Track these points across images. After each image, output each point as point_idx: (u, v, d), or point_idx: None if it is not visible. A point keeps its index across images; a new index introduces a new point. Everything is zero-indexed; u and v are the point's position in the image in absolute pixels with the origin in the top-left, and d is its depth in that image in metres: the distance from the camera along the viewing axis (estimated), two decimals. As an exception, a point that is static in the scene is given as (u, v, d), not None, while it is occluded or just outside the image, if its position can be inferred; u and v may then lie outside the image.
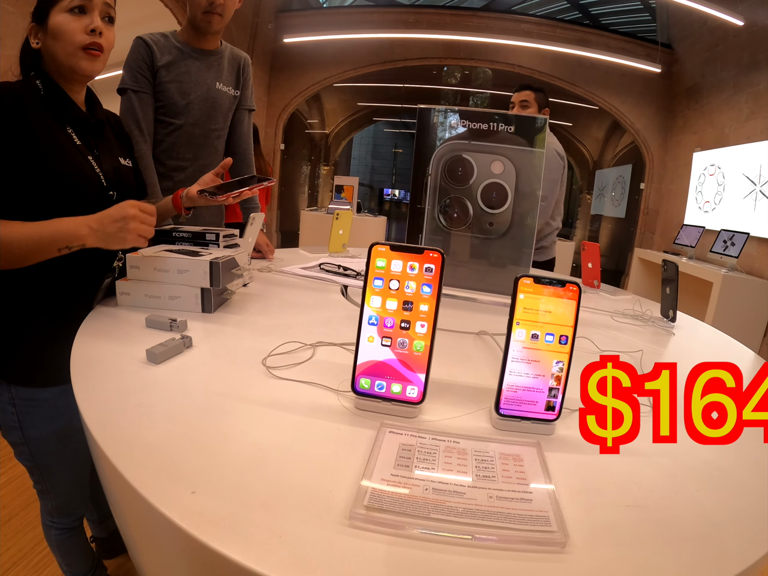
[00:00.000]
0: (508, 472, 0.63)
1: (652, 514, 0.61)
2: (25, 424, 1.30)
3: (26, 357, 1.25)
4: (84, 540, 1.62)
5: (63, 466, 1.40)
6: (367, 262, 0.76)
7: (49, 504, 1.45)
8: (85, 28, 1.20)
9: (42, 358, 1.26)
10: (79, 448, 1.38)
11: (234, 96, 2.10)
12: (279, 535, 0.51)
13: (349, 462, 0.65)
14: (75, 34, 1.20)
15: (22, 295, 1.22)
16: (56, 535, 1.51)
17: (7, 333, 1.24)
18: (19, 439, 1.32)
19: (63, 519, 1.49)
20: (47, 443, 1.34)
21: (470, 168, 1.58)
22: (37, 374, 1.27)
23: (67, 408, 1.29)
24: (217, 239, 1.42)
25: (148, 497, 0.55)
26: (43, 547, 1.96)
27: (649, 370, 1.10)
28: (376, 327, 0.76)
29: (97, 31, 1.21)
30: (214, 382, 0.86)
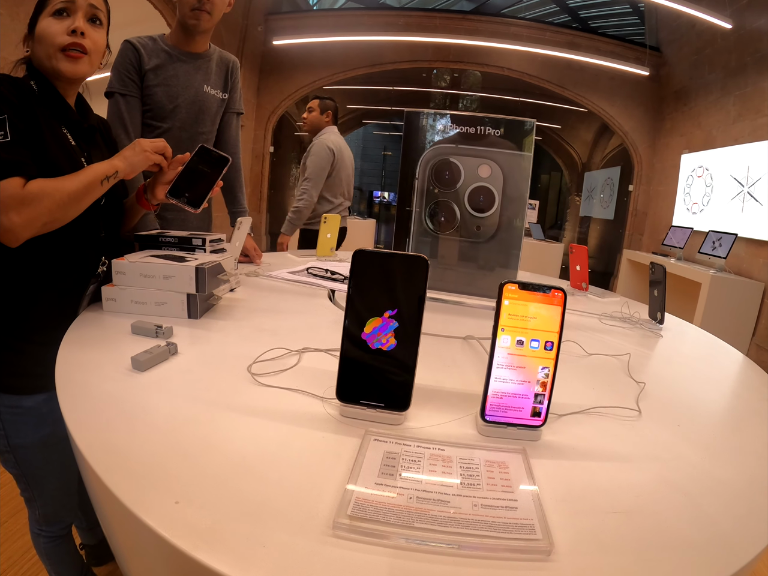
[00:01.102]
0: (494, 480, 0.62)
1: (638, 520, 0.60)
2: (10, 432, 1.29)
3: (11, 364, 1.25)
4: (73, 548, 1.61)
5: (49, 473, 1.39)
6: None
7: (37, 512, 1.45)
8: (66, 29, 1.20)
9: (27, 365, 1.25)
10: (65, 456, 1.37)
11: (222, 99, 2.09)
12: (262, 545, 0.51)
13: (334, 470, 0.64)
14: (55, 36, 1.20)
15: (7, 302, 1.21)
16: (45, 543, 1.50)
17: None
18: (4, 447, 1.31)
19: (51, 527, 1.49)
20: (33, 451, 1.33)
21: (457, 171, 1.57)
22: (22, 381, 1.26)
23: (53, 415, 1.29)
24: (203, 244, 1.41)
25: (132, 507, 0.55)
26: (32, 555, 1.94)
27: (636, 373, 1.11)
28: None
29: (78, 32, 1.21)
30: (199, 390, 0.85)
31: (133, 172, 1.26)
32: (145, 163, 1.29)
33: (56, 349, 0.99)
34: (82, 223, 1.22)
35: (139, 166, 1.28)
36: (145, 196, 1.39)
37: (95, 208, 1.25)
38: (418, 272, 0.76)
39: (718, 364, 1.39)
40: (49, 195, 1.09)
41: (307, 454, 0.68)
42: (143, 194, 1.40)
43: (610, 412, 0.91)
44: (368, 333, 0.76)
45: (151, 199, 1.38)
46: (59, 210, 1.12)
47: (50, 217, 1.10)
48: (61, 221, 1.14)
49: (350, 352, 0.77)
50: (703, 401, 1.08)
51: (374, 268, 0.77)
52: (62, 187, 1.11)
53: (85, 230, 1.27)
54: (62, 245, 1.23)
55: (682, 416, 0.94)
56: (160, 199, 1.37)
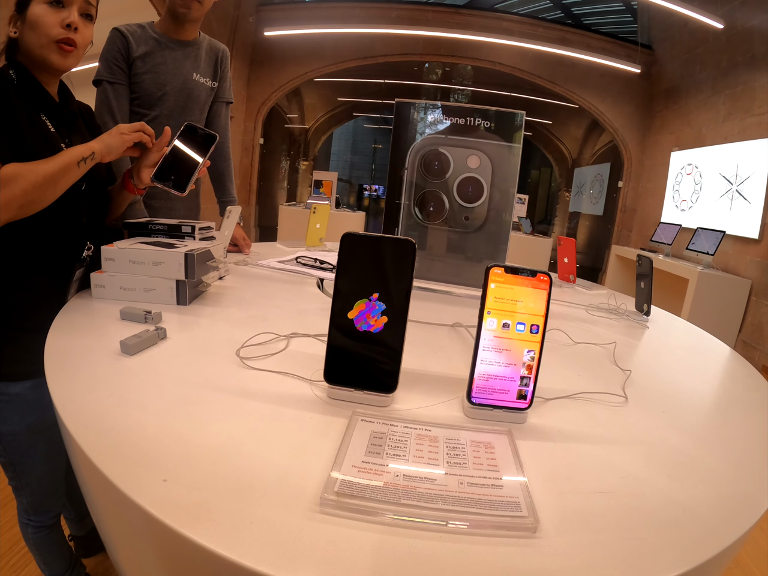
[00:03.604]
0: (480, 459, 0.63)
1: (622, 500, 0.61)
2: None
3: None
4: (62, 538, 1.61)
5: (37, 461, 1.39)
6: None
7: (25, 501, 1.45)
8: (62, 22, 1.20)
9: (13, 351, 1.25)
10: (52, 444, 1.38)
11: (211, 87, 2.08)
12: (250, 521, 0.51)
13: (321, 450, 0.65)
14: (50, 27, 1.19)
15: None
16: (33, 533, 1.50)
17: None
18: None
19: (39, 517, 1.49)
20: (20, 438, 1.33)
21: (446, 162, 1.58)
22: (8, 368, 1.26)
23: (39, 402, 1.29)
24: (193, 232, 1.41)
25: (120, 485, 0.55)
26: (21, 546, 1.94)
27: (622, 361, 1.12)
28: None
29: (73, 27, 1.21)
30: (187, 373, 0.86)
31: (109, 154, 1.26)
32: (122, 145, 1.28)
33: (43, 336, 0.98)
34: (62, 208, 1.22)
35: (116, 147, 1.27)
36: (131, 181, 1.38)
37: (76, 192, 1.25)
38: (405, 255, 0.76)
39: (704, 355, 1.40)
40: (23, 177, 1.08)
41: (295, 435, 0.69)
42: (129, 179, 1.38)
43: (596, 398, 0.92)
44: (355, 315, 0.76)
45: (137, 183, 1.36)
46: (35, 191, 1.11)
47: (25, 199, 1.09)
48: (37, 204, 1.14)
49: (337, 334, 0.78)
50: (689, 389, 1.09)
51: (362, 251, 0.77)
52: (37, 170, 1.11)
53: (65, 215, 1.26)
54: (43, 231, 1.23)
55: (668, 403, 0.95)
56: (146, 183, 1.35)
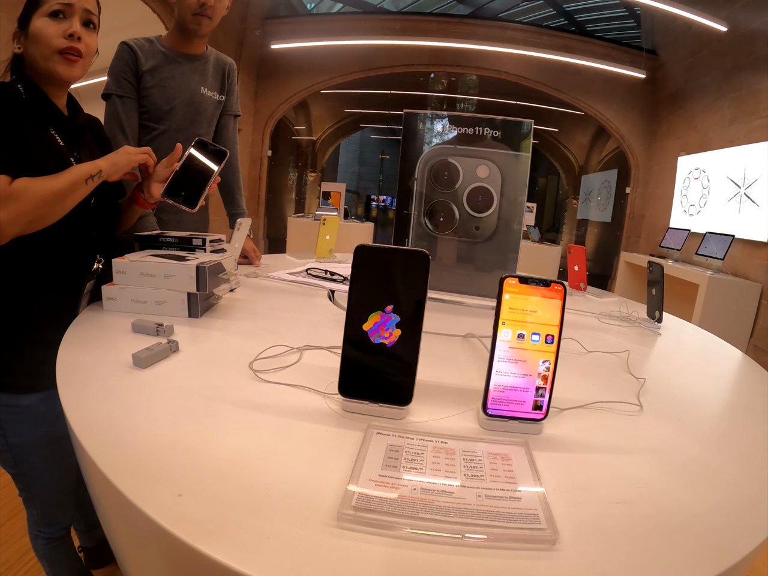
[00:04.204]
0: (497, 472, 0.63)
1: (640, 510, 0.61)
2: (8, 431, 1.30)
3: (8, 363, 1.26)
4: (72, 550, 1.61)
5: (47, 473, 1.40)
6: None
7: (35, 513, 1.45)
8: (64, 33, 1.22)
9: (25, 364, 1.26)
10: (63, 455, 1.38)
11: (218, 101, 2.09)
12: (267, 536, 0.51)
13: (337, 463, 0.64)
14: (53, 39, 1.21)
15: (3, 300, 1.23)
16: (43, 545, 1.50)
17: None
18: (2, 446, 1.32)
19: (49, 528, 1.49)
20: (30, 450, 1.34)
21: (456, 172, 1.58)
22: (19, 380, 1.27)
23: (50, 414, 1.30)
24: (203, 244, 1.41)
25: (135, 500, 0.55)
26: (30, 557, 1.94)
27: (636, 369, 1.12)
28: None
29: (75, 36, 1.23)
30: (200, 386, 0.86)
31: (116, 173, 1.28)
32: (128, 164, 1.30)
33: (55, 348, 0.99)
34: (71, 222, 1.23)
35: (122, 166, 1.29)
36: (142, 195, 1.39)
37: (85, 206, 1.26)
38: (419, 267, 0.76)
39: (717, 361, 1.40)
40: (33, 192, 1.10)
41: (310, 448, 0.69)
42: (139, 193, 1.40)
43: (611, 407, 0.91)
44: (369, 328, 0.76)
45: (148, 197, 1.38)
46: (44, 207, 1.13)
47: (35, 214, 1.12)
48: (47, 219, 1.16)
49: (352, 346, 0.78)
50: (703, 396, 1.08)
51: (375, 263, 0.77)
52: (47, 185, 1.13)
53: (75, 229, 1.28)
54: (53, 244, 1.24)
55: (682, 411, 0.95)
56: (157, 198, 1.36)
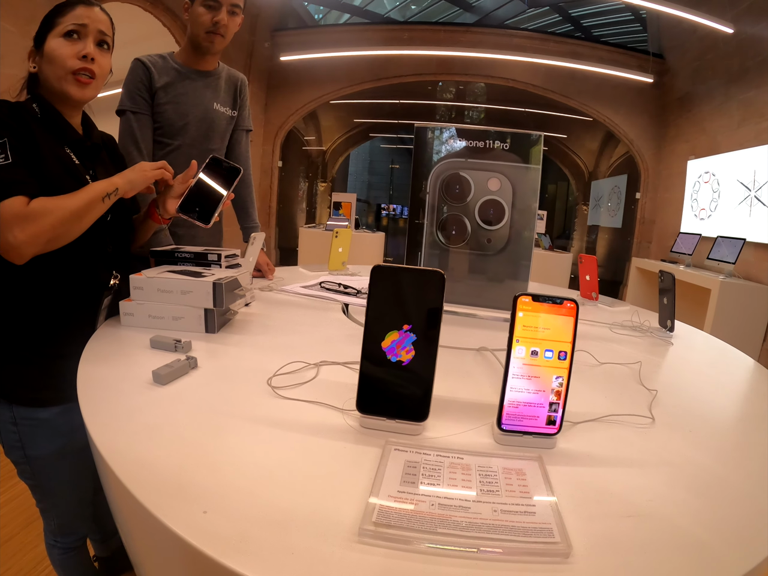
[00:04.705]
0: (512, 486, 0.64)
1: (652, 523, 0.62)
2: (27, 444, 1.32)
3: (27, 377, 1.27)
4: (87, 559, 1.62)
5: (64, 484, 1.41)
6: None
7: (52, 523, 1.47)
8: (77, 54, 1.24)
9: (43, 378, 1.28)
10: (80, 467, 1.40)
11: (231, 116, 2.12)
12: (291, 552, 0.53)
13: (356, 479, 0.66)
14: (66, 59, 1.23)
15: (23, 315, 1.24)
16: (59, 554, 1.51)
17: (8, 353, 1.26)
18: (20, 458, 1.34)
19: (66, 538, 1.50)
20: (48, 462, 1.35)
21: (467, 185, 1.60)
22: (38, 394, 1.29)
23: (68, 427, 1.31)
24: (219, 259, 1.43)
25: (161, 517, 0.56)
26: (44, 566, 1.97)
27: (648, 381, 1.13)
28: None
29: (89, 57, 1.25)
30: (220, 403, 0.88)
31: (132, 190, 1.30)
32: (144, 181, 1.32)
33: (72, 363, 1.01)
34: (88, 239, 1.25)
35: (138, 183, 1.31)
36: (157, 211, 1.42)
37: (102, 223, 1.28)
38: (434, 286, 0.78)
39: (729, 371, 1.40)
40: (51, 212, 1.12)
41: (329, 464, 0.70)
42: (155, 209, 1.42)
43: (623, 420, 0.92)
44: (387, 346, 0.78)
45: (163, 213, 1.41)
46: (62, 226, 1.15)
47: (53, 233, 1.13)
48: (64, 238, 1.18)
49: (370, 364, 0.80)
50: (715, 407, 1.09)
51: (392, 282, 0.79)
52: (64, 205, 1.15)
53: (92, 245, 1.30)
54: (70, 260, 1.26)
55: (694, 422, 0.96)
56: (172, 213, 1.39)
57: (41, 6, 4.64)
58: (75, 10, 1.25)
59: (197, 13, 1.87)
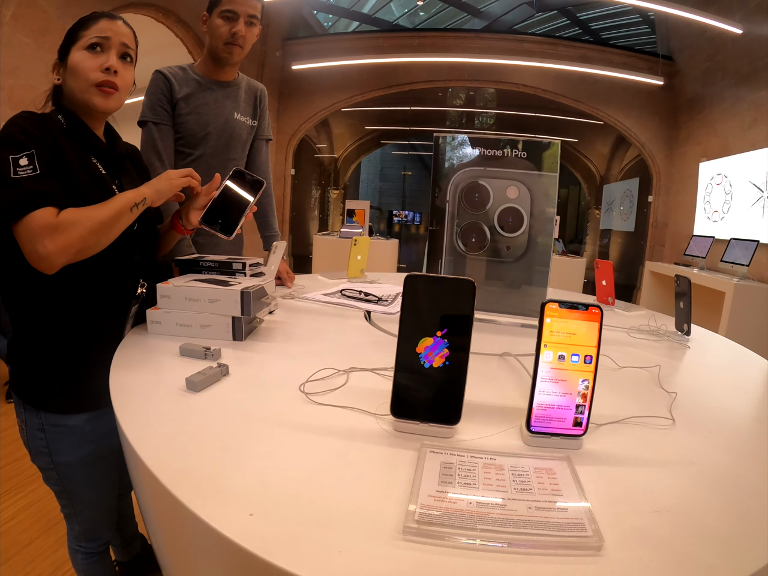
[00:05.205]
0: (543, 485, 0.67)
1: (677, 518, 0.65)
2: (54, 450, 1.33)
3: (55, 384, 1.29)
4: (110, 565, 1.63)
5: (90, 491, 1.43)
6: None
7: (76, 528, 1.48)
8: (100, 66, 1.25)
9: (72, 385, 1.30)
10: (106, 474, 1.42)
11: (252, 126, 2.16)
12: (339, 551, 0.55)
13: (393, 481, 0.69)
14: (90, 72, 1.25)
15: (52, 324, 1.26)
16: (83, 559, 1.52)
17: (36, 360, 1.29)
18: (47, 464, 1.35)
19: (90, 543, 1.51)
20: (75, 468, 1.37)
21: (486, 194, 1.63)
22: (66, 401, 1.31)
23: (95, 434, 1.33)
24: (243, 268, 1.45)
25: (210, 522, 0.58)
26: (65, 571, 2.00)
27: (667, 383, 1.15)
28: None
29: (112, 70, 1.26)
30: (255, 409, 0.90)
31: (159, 199, 1.32)
32: (171, 190, 1.34)
33: (101, 371, 1.04)
34: (116, 248, 1.26)
35: (165, 192, 1.33)
36: (180, 222, 1.44)
37: (128, 232, 1.29)
38: (466, 294, 0.81)
39: (746, 373, 1.42)
40: (80, 223, 1.14)
41: (367, 467, 0.73)
42: (178, 219, 1.44)
43: (645, 421, 0.95)
44: (421, 352, 0.81)
45: (186, 224, 1.43)
46: (92, 237, 1.16)
47: (83, 244, 1.15)
48: (94, 248, 1.19)
49: (404, 369, 0.83)
50: (733, 409, 1.11)
51: (425, 290, 0.82)
52: (93, 215, 1.16)
53: (119, 254, 1.31)
54: (99, 270, 1.28)
55: (713, 423, 0.98)
56: (195, 225, 1.41)
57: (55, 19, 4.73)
58: (98, 23, 1.27)
59: (215, 25, 1.91)
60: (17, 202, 1.10)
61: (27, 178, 1.11)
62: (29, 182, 1.11)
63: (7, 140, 1.15)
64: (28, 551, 2.12)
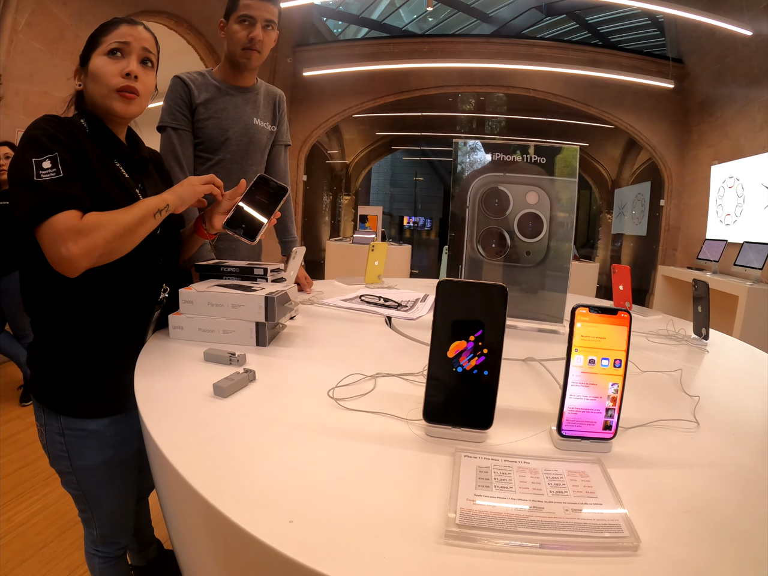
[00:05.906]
0: (578, 488, 0.68)
1: (707, 517, 0.66)
2: (73, 454, 1.33)
3: (76, 388, 1.29)
4: (126, 569, 1.62)
5: (109, 495, 1.42)
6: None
7: (94, 533, 1.46)
8: (121, 71, 1.26)
9: (93, 389, 1.30)
10: (125, 478, 1.42)
11: (271, 131, 2.17)
12: (383, 556, 0.56)
13: (429, 485, 0.70)
14: (110, 77, 1.26)
15: (75, 327, 1.26)
16: (100, 563, 1.51)
17: (57, 364, 1.29)
18: (66, 468, 1.35)
19: (107, 548, 1.50)
20: (94, 473, 1.36)
21: (506, 199, 1.64)
22: (87, 405, 1.30)
23: (116, 439, 1.33)
24: (265, 274, 1.46)
25: (249, 529, 0.59)
26: (79, 574, 2.00)
27: (689, 387, 1.16)
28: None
29: (132, 75, 1.27)
30: (284, 415, 0.91)
31: (182, 205, 1.32)
32: (193, 197, 1.34)
33: (122, 375, 1.04)
34: (140, 252, 1.27)
35: (188, 199, 1.33)
36: (204, 226, 1.44)
37: (152, 237, 1.29)
38: (498, 299, 0.83)
39: (765, 376, 1.42)
40: (104, 226, 1.13)
41: (402, 472, 0.74)
42: (201, 224, 1.45)
43: (670, 425, 0.96)
44: (453, 357, 0.82)
45: (209, 228, 1.43)
46: (115, 241, 1.16)
47: (107, 248, 1.15)
48: (117, 252, 1.19)
49: (436, 375, 0.84)
50: (754, 411, 1.12)
51: (457, 296, 0.83)
52: (117, 220, 1.16)
53: (143, 259, 1.32)
54: (122, 274, 1.27)
55: (736, 426, 0.99)
56: (218, 229, 1.41)
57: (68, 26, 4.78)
58: (119, 28, 1.28)
59: (233, 31, 1.93)
60: (41, 205, 1.09)
61: (50, 180, 1.11)
62: (52, 185, 1.11)
63: (30, 143, 1.15)
64: (43, 554, 2.13)
